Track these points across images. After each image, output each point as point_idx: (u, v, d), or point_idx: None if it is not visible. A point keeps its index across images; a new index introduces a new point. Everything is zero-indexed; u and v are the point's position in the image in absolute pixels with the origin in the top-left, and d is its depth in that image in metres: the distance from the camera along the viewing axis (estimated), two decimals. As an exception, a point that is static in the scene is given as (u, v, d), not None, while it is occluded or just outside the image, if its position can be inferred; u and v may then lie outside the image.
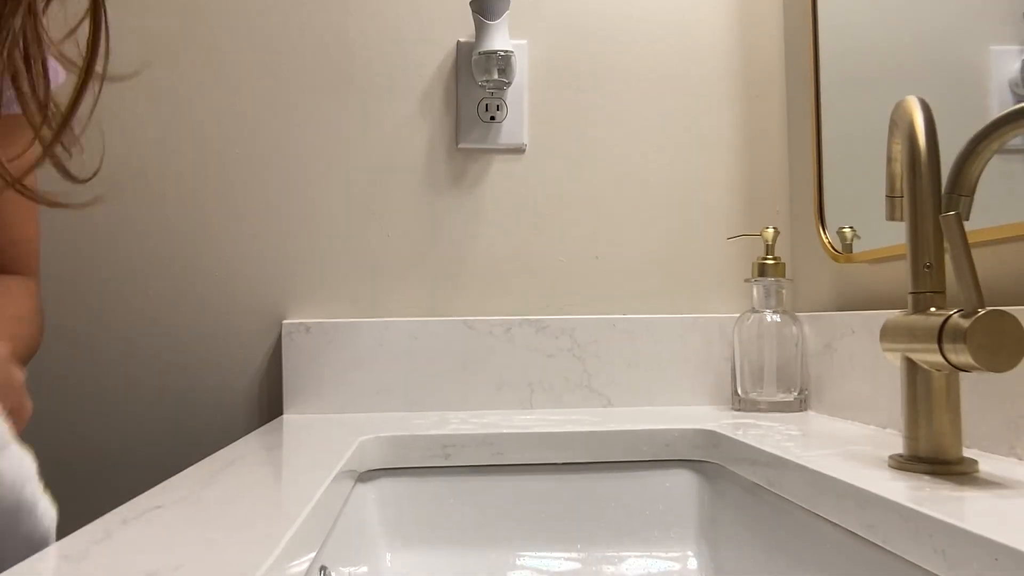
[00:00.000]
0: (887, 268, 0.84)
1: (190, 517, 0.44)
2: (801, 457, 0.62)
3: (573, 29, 1.07)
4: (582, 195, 1.06)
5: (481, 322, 1.01)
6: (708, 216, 1.07)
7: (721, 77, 1.08)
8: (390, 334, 1.00)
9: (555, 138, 1.06)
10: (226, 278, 1.02)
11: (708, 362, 1.02)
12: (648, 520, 0.80)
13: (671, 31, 1.08)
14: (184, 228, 1.02)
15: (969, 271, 0.51)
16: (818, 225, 0.95)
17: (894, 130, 0.60)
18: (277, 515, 0.44)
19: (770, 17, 1.08)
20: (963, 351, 0.50)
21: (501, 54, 1.00)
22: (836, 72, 0.94)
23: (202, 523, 0.42)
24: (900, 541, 0.47)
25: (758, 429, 0.78)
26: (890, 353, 0.58)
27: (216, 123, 1.03)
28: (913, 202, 0.56)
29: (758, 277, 0.95)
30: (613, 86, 1.07)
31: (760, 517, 0.69)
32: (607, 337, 1.02)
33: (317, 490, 0.50)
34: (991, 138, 0.53)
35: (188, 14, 1.03)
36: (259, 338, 1.02)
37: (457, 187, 1.05)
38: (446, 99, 1.05)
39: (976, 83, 0.70)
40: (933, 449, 0.56)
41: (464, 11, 1.03)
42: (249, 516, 0.44)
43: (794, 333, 0.93)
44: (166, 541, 0.39)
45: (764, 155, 1.08)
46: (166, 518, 0.44)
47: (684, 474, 0.81)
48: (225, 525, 0.42)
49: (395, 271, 1.04)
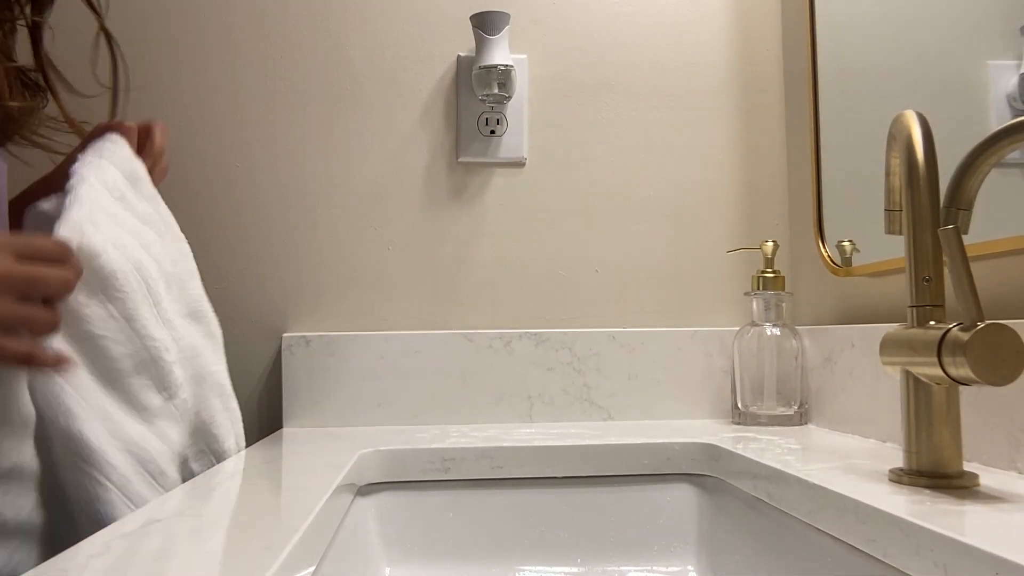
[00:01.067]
0: (886, 281, 0.84)
1: (190, 530, 0.44)
2: (801, 471, 0.62)
3: (573, 44, 1.07)
4: (582, 208, 1.07)
5: (481, 335, 1.01)
6: (708, 229, 1.07)
7: (720, 90, 1.09)
8: (390, 347, 1.00)
9: (555, 152, 1.07)
10: (226, 291, 1.02)
11: (708, 375, 1.02)
12: (648, 534, 0.80)
13: (671, 46, 1.08)
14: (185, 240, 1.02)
15: (968, 284, 0.51)
16: (817, 238, 0.95)
17: (892, 144, 0.60)
18: (276, 528, 0.44)
19: (769, 31, 1.09)
20: (963, 364, 0.50)
21: (501, 68, 1.00)
22: (835, 86, 0.94)
23: (202, 537, 0.42)
24: (901, 555, 0.47)
25: (758, 443, 0.78)
26: (890, 366, 0.58)
27: (216, 137, 1.04)
28: (912, 216, 0.56)
29: (758, 290, 0.95)
30: (613, 100, 1.08)
31: (760, 531, 0.69)
32: (607, 350, 1.02)
33: (316, 504, 0.50)
34: (989, 152, 0.54)
35: (189, 28, 1.04)
36: (259, 351, 1.02)
37: (457, 201, 1.06)
38: (446, 113, 1.06)
39: (974, 97, 0.70)
40: (933, 463, 0.55)
41: (464, 26, 1.03)
42: (248, 529, 0.44)
43: (794, 346, 0.93)
44: (166, 555, 0.39)
45: (763, 168, 1.08)
46: (166, 531, 0.43)
47: (684, 488, 0.81)
48: (224, 538, 0.42)
49: (395, 284, 1.04)
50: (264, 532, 0.43)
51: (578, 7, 1.08)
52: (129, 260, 0.64)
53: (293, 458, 0.76)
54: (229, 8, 1.04)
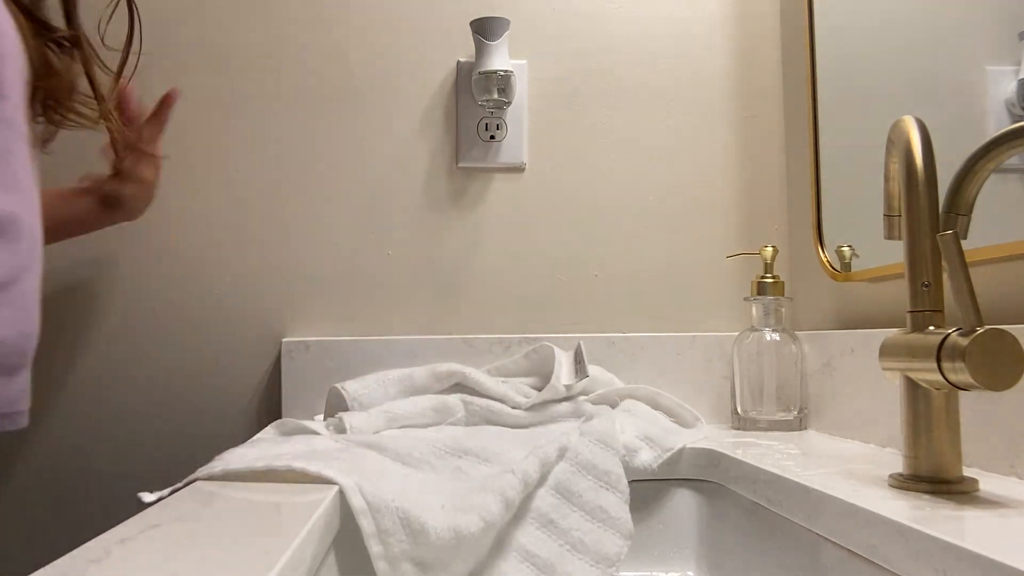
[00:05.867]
0: (886, 287, 0.84)
1: (189, 536, 0.44)
2: (801, 476, 0.62)
3: (572, 49, 1.08)
4: (581, 213, 1.07)
5: (481, 340, 1.01)
6: (707, 234, 1.07)
7: (720, 96, 1.09)
8: (390, 352, 1.00)
9: (554, 157, 1.07)
10: (225, 296, 1.02)
11: (707, 380, 1.02)
12: (648, 539, 0.79)
13: (670, 52, 1.09)
14: (184, 245, 1.03)
15: (967, 290, 0.51)
16: (817, 244, 0.95)
17: (891, 149, 0.60)
18: (276, 534, 0.44)
19: (768, 37, 1.09)
20: (962, 370, 0.50)
21: (501, 74, 1.00)
22: (833, 92, 0.94)
23: (201, 542, 0.42)
24: (900, 560, 0.47)
25: (758, 448, 0.78)
26: (889, 372, 0.58)
27: (217, 143, 1.04)
28: (911, 221, 0.56)
29: (757, 295, 0.95)
30: (612, 106, 1.08)
31: (760, 536, 0.69)
32: (606, 355, 1.02)
33: (316, 509, 0.49)
34: (988, 157, 0.54)
35: (191, 33, 1.04)
36: (259, 356, 1.02)
37: (457, 206, 1.06)
38: (446, 118, 1.06)
39: (973, 103, 0.70)
40: (933, 468, 0.55)
41: (464, 31, 1.03)
42: (248, 535, 0.44)
43: (793, 351, 0.93)
44: (165, 560, 0.39)
45: (762, 174, 1.08)
46: (165, 537, 0.43)
47: (684, 493, 0.80)
48: (223, 544, 0.42)
49: (395, 289, 1.04)
50: (263, 537, 0.43)
51: (578, 13, 1.08)
52: None
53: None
54: (230, 14, 1.05)
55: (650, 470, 0.77)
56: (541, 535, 0.68)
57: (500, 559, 0.65)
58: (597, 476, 0.72)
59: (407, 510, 0.55)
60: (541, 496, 0.70)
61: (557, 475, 0.71)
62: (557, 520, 0.69)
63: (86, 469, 1.00)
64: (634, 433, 0.79)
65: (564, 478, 0.71)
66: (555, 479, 0.71)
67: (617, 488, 0.71)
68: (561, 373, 0.88)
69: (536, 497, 0.70)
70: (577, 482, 0.71)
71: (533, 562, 0.66)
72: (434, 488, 0.63)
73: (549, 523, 0.69)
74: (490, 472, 0.68)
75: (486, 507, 0.61)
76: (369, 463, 0.62)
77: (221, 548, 0.41)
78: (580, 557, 0.67)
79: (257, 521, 0.47)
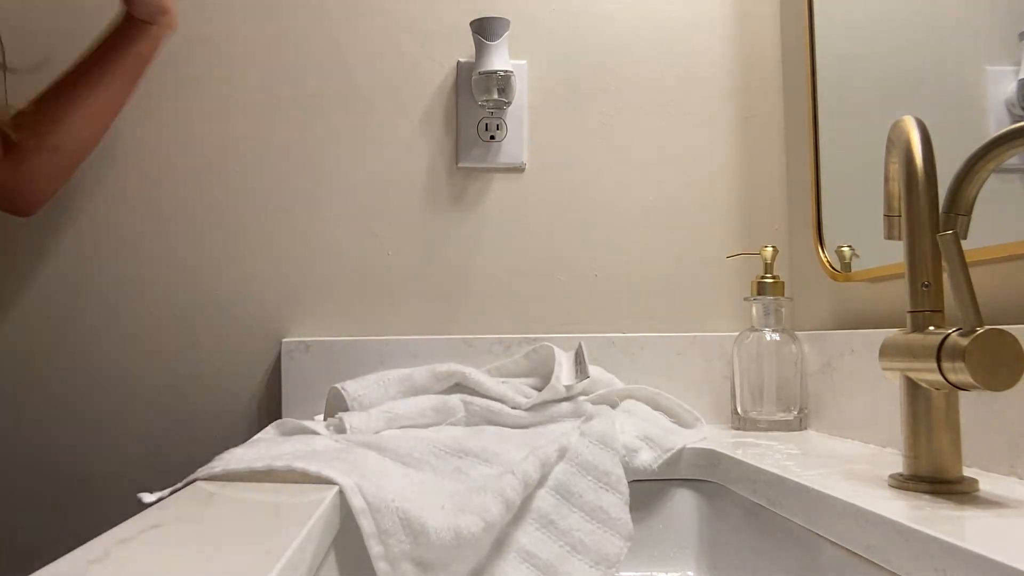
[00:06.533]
0: (886, 287, 0.84)
1: (189, 536, 0.44)
2: (801, 476, 0.62)
3: (573, 49, 1.08)
4: (581, 214, 1.07)
5: (481, 340, 1.01)
6: (707, 235, 1.07)
7: (720, 97, 1.09)
8: (390, 352, 1.00)
9: (554, 157, 1.07)
10: (225, 296, 1.02)
11: (707, 381, 1.02)
12: (648, 539, 0.79)
13: (670, 52, 1.09)
14: (184, 246, 1.03)
15: (967, 290, 0.51)
16: (817, 244, 0.95)
17: (891, 149, 0.60)
18: (276, 534, 0.44)
19: (768, 37, 1.09)
20: (962, 370, 0.50)
21: (501, 74, 1.00)
22: (834, 92, 0.94)
23: (201, 542, 0.42)
24: (900, 561, 0.47)
25: (758, 448, 0.78)
26: (889, 372, 0.58)
27: (216, 143, 1.04)
28: (911, 221, 0.56)
29: (757, 296, 0.95)
30: (612, 106, 1.08)
31: (760, 536, 0.69)
32: (607, 355, 1.02)
33: (316, 509, 0.49)
34: (988, 158, 0.54)
35: (192, 34, 1.04)
36: (259, 356, 1.02)
37: (457, 206, 1.06)
38: (446, 119, 1.06)
39: (973, 103, 0.70)
40: (933, 468, 0.55)
41: (464, 32, 1.03)
42: (248, 535, 0.44)
43: (793, 352, 0.93)
44: (165, 560, 0.39)
45: (763, 174, 1.08)
46: (165, 537, 0.43)
47: (684, 493, 0.80)
48: (223, 544, 0.42)
49: (395, 289, 1.04)
50: (264, 537, 0.43)
51: (578, 13, 1.08)
52: None
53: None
54: (231, 15, 1.05)
55: (650, 470, 0.77)
56: (541, 536, 0.68)
57: (500, 559, 0.65)
58: (597, 477, 0.72)
59: (407, 510, 0.55)
60: (541, 496, 0.70)
61: (557, 475, 0.71)
62: (557, 521, 0.69)
63: (86, 469, 1.00)
64: (634, 433, 0.79)
65: (564, 478, 0.71)
66: (555, 479, 0.71)
67: (617, 489, 0.71)
68: (561, 373, 0.88)
69: (536, 497, 0.70)
70: (577, 482, 0.71)
71: (533, 563, 0.66)
72: (434, 488, 0.62)
73: (549, 524, 0.69)
74: (490, 472, 0.68)
75: (486, 507, 0.61)
76: (369, 463, 0.62)
77: (221, 548, 0.41)
78: (580, 558, 0.67)
79: (257, 521, 0.47)
